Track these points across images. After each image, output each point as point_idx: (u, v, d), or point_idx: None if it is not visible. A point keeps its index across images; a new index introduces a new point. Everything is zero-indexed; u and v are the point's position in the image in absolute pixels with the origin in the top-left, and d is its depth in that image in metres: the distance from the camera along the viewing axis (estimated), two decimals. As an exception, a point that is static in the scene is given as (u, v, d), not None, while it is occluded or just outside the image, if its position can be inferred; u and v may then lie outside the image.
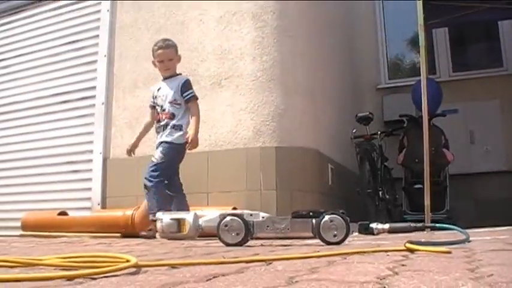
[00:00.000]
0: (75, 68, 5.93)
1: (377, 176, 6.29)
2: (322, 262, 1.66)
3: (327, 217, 2.54)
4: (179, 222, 2.83)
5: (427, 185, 4.32)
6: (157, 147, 4.27)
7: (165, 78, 4.38)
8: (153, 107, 4.42)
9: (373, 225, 2.62)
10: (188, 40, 5.22)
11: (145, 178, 4.18)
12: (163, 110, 4.25)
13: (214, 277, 1.28)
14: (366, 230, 2.64)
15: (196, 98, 4.23)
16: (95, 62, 5.78)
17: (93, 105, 5.68)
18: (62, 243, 3.15)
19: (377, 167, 6.34)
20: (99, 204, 5.42)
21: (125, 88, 5.51)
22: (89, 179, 5.57)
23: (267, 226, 2.70)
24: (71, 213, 5.35)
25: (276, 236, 2.75)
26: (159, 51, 4.32)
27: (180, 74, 4.42)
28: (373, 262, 1.60)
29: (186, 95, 4.21)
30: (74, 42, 6.04)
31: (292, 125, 4.90)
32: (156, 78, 5.29)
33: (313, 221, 2.59)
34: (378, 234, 2.63)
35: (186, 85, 4.25)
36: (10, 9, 6.77)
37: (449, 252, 1.83)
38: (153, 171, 4.17)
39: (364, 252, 1.99)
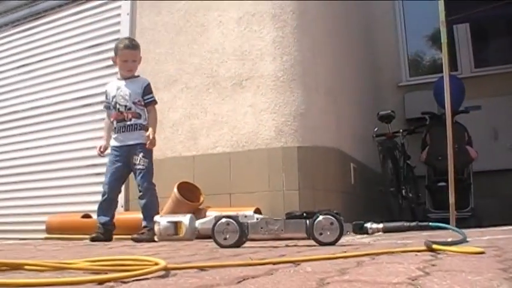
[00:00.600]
0: (97, 72, 5.97)
1: (400, 174, 6.25)
2: (350, 263, 1.64)
3: (320, 218, 2.54)
4: (176, 224, 2.92)
5: (451, 183, 4.28)
6: (129, 151, 4.24)
7: (124, 79, 4.36)
8: (108, 107, 4.45)
9: (368, 224, 2.63)
10: (208, 42, 5.23)
11: (144, 186, 4.16)
12: (129, 109, 4.23)
13: (244, 279, 1.27)
14: (361, 230, 2.64)
15: (156, 103, 4.36)
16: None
17: (115, 108, 5.71)
18: (87, 245, 3.16)
19: (400, 165, 6.31)
20: (122, 207, 5.44)
21: (146, 91, 5.53)
22: (112, 182, 5.58)
23: (261, 228, 2.71)
24: (95, 216, 5.39)
25: (270, 238, 2.74)
26: (125, 50, 4.28)
27: (139, 75, 4.45)
28: (403, 262, 1.58)
29: (147, 98, 4.29)
30: (95, 46, 6.09)
31: (314, 124, 4.88)
32: (177, 80, 5.35)
33: (307, 221, 2.59)
34: (372, 233, 2.63)
35: (149, 88, 4.33)
36: (32, 15, 6.85)
37: (482, 253, 1.79)
38: (146, 176, 4.19)
39: (392, 252, 1.97)
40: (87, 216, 5.41)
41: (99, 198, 5.59)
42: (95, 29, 6.15)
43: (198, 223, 2.89)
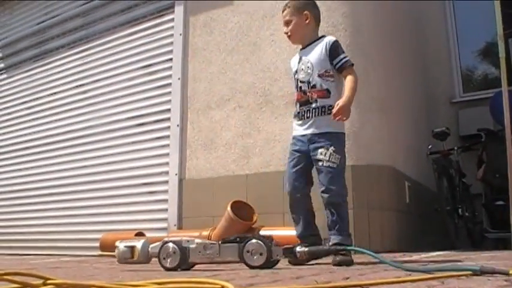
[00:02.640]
0: (150, 92, 6.07)
1: (455, 192, 6.11)
2: (421, 286, 1.61)
3: (249, 242, 2.72)
4: (132, 249, 3.10)
5: (511, 201, 4.15)
6: (312, 142, 3.34)
7: (302, 48, 3.56)
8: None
9: (297, 248, 2.80)
10: (261, 60, 5.25)
11: (330, 193, 3.27)
12: (313, 87, 3.34)
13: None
14: (291, 254, 2.82)
15: (352, 64, 3.39)
16: (169, 85, 5.89)
17: (168, 127, 5.79)
18: (141, 264, 3.18)
19: (455, 183, 6.17)
20: (175, 225, 5.48)
21: (199, 110, 5.59)
22: (165, 200, 5.65)
23: (199, 252, 2.90)
24: (148, 234, 5.44)
25: (208, 261, 2.93)
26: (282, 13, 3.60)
27: (321, 37, 3.53)
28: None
29: (338, 62, 3.34)
30: (148, 66, 6.19)
31: (368, 142, 4.82)
32: (230, 99, 5.38)
33: (239, 246, 2.75)
34: (300, 257, 2.80)
35: (335, 47, 3.38)
36: (88, 37, 7.02)
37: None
38: (336, 181, 3.29)
39: (460, 275, 1.92)
40: (140, 234, 5.46)
41: (152, 216, 5.72)
42: (148, 49, 6.25)
43: (150, 247, 3.05)
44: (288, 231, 4.53)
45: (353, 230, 4.43)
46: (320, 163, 3.29)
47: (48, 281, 1.50)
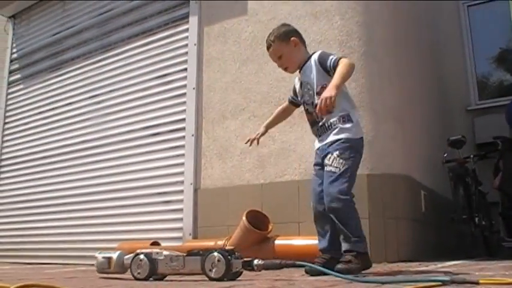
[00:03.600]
0: (165, 101, 6.09)
1: (472, 201, 6.07)
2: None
3: (210, 255, 2.85)
4: (109, 260, 3.30)
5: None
6: (324, 153, 3.33)
7: (300, 71, 3.54)
8: (291, 102, 3.75)
9: (255, 261, 2.84)
10: (275, 70, 5.20)
11: (328, 197, 3.20)
12: (316, 106, 3.21)
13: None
14: (249, 266, 2.85)
15: (340, 57, 3.26)
16: (184, 94, 5.91)
17: (183, 137, 5.80)
18: (156, 276, 3.21)
19: (471, 191, 6.12)
20: (190, 235, 5.49)
21: (214, 120, 5.60)
22: (180, 210, 5.66)
23: (166, 263, 3.05)
24: (163, 243, 5.45)
25: (174, 273, 3.05)
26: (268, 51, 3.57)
27: (310, 55, 3.50)
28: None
29: (330, 65, 3.26)
30: (163, 76, 6.22)
31: (383, 151, 4.81)
32: (244, 108, 5.39)
33: (201, 258, 2.88)
34: (258, 270, 2.84)
35: (322, 56, 3.36)
36: (103, 47, 7.07)
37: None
38: (339, 183, 3.19)
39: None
40: (155, 243, 5.48)
41: (168, 225, 5.73)
42: (163, 59, 6.28)
43: (125, 258, 3.23)
44: (304, 241, 4.53)
45: (369, 240, 4.42)
46: (325, 169, 3.28)
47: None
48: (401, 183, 4.98)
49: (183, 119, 5.84)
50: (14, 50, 8.65)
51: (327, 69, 3.28)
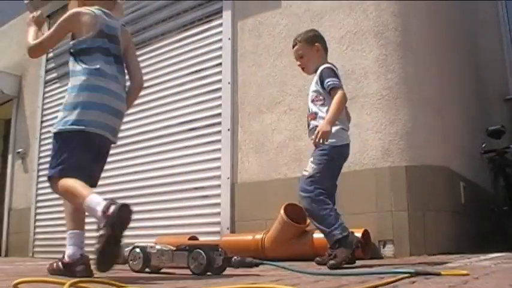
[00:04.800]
0: (201, 97, 6.12)
1: (512, 192, 5.96)
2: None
3: (194, 251, 3.06)
4: None
5: None
6: None
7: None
8: None
9: (233, 258, 3.10)
10: (310, 62, 5.23)
11: (300, 197, 3.62)
12: (309, 111, 3.77)
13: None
14: (229, 263, 3.08)
15: (338, 88, 3.56)
16: (219, 89, 5.94)
17: (219, 131, 5.82)
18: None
19: (512, 182, 6.02)
20: (228, 229, 5.51)
21: (250, 114, 5.61)
22: (218, 204, 5.68)
23: (157, 257, 3.32)
24: (202, 238, 5.49)
25: (164, 266, 3.32)
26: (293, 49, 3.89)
27: (320, 66, 3.76)
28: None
29: (326, 86, 3.59)
30: (198, 71, 6.25)
31: (422, 142, 4.75)
32: (280, 102, 5.39)
33: (188, 254, 3.10)
34: (236, 267, 3.08)
35: (324, 72, 3.65)
36: (136, 45, 7.12)
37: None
38: (303, 186, 3.61)
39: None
40: (194, 238, 5.52)
41: (206, 220, 5.77)
42: (197, 54, 6.31)
43: (125, 251, 3.47)
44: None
45: (408, 232, 4.40)
46: None
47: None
48: (440, 175, 4.92)
49: (219, 114, 5.86)
50: (50, 50, 8.77)
51: (323, 84, 3.64)
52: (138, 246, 3.45)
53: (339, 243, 3.34)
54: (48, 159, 5.97)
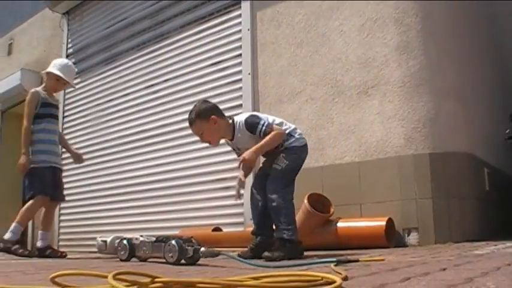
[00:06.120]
0: (221, 88, 6.12)
1: (537, 178, 5.91)
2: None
3: (168, 242, 3.25)
4: (105, 243, 4.06)
5: None
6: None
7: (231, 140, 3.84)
8: None
9: (201, 249, 3.13)
10: (331, 51, 5.21)
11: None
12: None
13: None
14: (197, 254, 3.17)
15: (271, 126, 3.64)
16: (239, 80, 5.93)
17: (241, 122, 5.80)
18: (223, 259, 3.27)
19: (537, 168, 5.96)
20: (251, 220, 5.50)
21: (270, 104, 5.59)
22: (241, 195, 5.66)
23: (140, 248, 3.59)
24: (225, 229, 5.50)
25: (146, 256, 3.56)
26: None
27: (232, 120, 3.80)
28: None
29: (260, 133, 3.62)
30: (218, 63, 6.25)
31: (445, 129, 4.71)
32: (301, 92, 5.37)
33: (164, 245, 3.30)
34: (204, 257, 3.15)
35: (249, 126, 3.66)
36: (156, 38, 7.16)
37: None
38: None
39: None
40: (217, 229, 5.54)
41: (229, 211, 5.78)
42: (216, 46, 6.31)
43: (116, 242, 3.86)
44: (366, 223, 4.51)
45: (433, 220, 4.38)
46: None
47: (156, 279, 1.54)
48: (464, 162, 4.88)
49: (240, 105, 5.85)
50: (70, 45, 8.85)
51: (255, 134, 3.61)
52: (125, 238, 3.73)
53: (286, 242, 3.43)
54: (68, 154, 6.08)
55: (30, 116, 5.17)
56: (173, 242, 3.22)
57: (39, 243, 5.24)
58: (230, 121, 3.76)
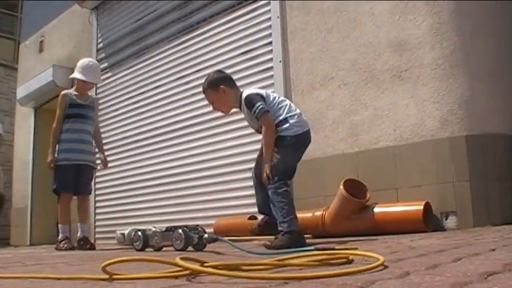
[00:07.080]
0: (252, 76, 6.11)
1: None
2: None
3: (175, 231, 3.56)
4: (123, 235, 4.30)
5: None
6: None
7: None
8: None
9: (205, 236, 3.46)
10: (362, 36, 5.16)
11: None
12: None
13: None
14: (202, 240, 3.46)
15: (264, 113, 3.63)
16: (270, 68, 5.92)
17: (273, 110, 5.79)
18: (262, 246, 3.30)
19: None
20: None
21: (303, 91, 5.57)
22: (275, 183, 5.67)
23: (153, 238, 3.85)
24: (260, 218, 5.50)
25: (159, 246, 3.83)
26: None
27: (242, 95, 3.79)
28: None
29: (254, 115, 3.66)
30: (248, 51, 6.24)
31: (481, 111, 4.63)
32: (333, 77, 5.34)
33: (172, 234, 3.58)
34: (208, 243, 3.45)
35: (248, 101, 3.70)
36: (185, 29, 7.18)
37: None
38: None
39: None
40: (253, 218, 5.54)
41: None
42: (247, 35, 6.31)
43: (132, 234, 4.10)
44: (403, 207, 4.47)
45: (471, 203, 4.32)
46: None
47: (205, 263, 1.56)
48: (501, 143, 4.79)
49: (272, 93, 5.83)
50: (100, 40, 8.94)
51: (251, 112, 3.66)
52: (139, 230, 4.00)
53: (284, 234, 3.42)
54: (105, 147, 6.16)
55: (58, 117, 5.63)
56: (180, 230, 3.52)
57: (78, 234, 5.59)
58: (239, 93, 3.85)
